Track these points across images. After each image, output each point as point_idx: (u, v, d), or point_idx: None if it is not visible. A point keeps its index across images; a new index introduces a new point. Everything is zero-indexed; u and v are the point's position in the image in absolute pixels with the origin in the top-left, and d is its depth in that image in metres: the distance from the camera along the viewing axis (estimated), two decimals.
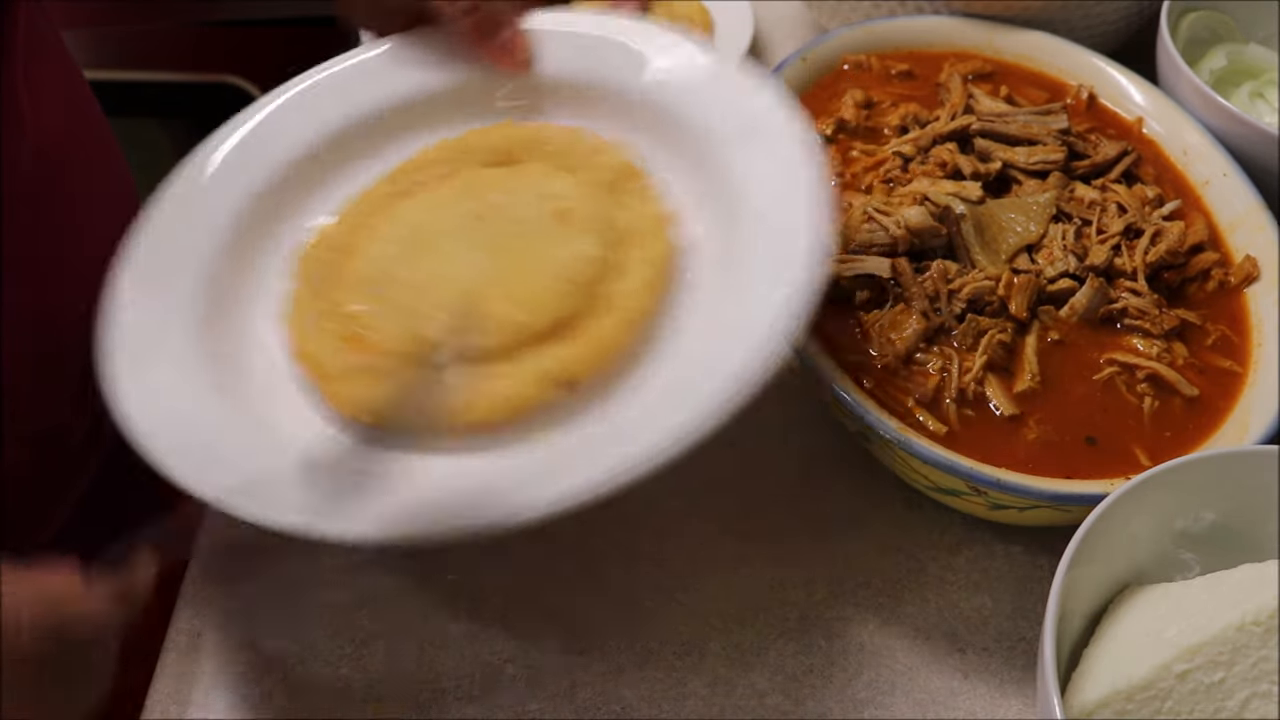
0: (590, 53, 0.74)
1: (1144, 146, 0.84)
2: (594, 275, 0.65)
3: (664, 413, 0.59)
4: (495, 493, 0.58)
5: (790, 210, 0.63)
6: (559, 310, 0.64)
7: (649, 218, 0.68)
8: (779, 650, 0.69)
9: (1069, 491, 0.64)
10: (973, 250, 0.74)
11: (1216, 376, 0.72)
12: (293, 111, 0.75)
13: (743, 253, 0.64)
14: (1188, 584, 0.62)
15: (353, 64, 0.77)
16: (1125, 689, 0.56)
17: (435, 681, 0.68)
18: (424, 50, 0.76)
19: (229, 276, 0.70)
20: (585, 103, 0.74)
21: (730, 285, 0.64)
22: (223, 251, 0.70)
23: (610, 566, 0.73)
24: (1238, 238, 0.79)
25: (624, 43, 0.74)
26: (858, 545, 0.74)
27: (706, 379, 0.59)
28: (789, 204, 0.64)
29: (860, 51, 0.88)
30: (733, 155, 0.68)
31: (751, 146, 0.67)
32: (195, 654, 0.68)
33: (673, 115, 0.71)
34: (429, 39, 0.76)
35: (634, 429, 0.59)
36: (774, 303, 0.60)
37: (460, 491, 0.59)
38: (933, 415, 0.68)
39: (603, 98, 0.74)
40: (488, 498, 0.58)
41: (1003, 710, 0.67)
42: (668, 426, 0.57)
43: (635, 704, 0.67)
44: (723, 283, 0.65)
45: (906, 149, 0.81)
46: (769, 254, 0.63)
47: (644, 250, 0.66)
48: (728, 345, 0.60)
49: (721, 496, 0.76)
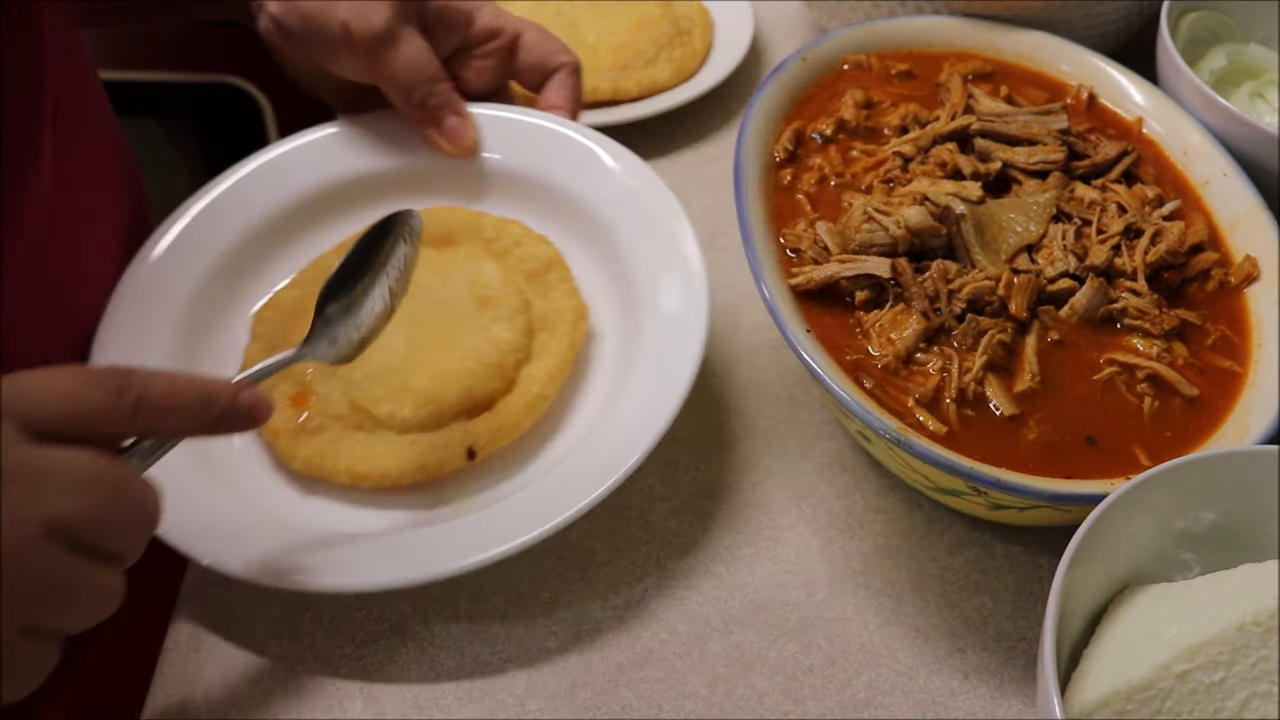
0: (528, 144, 0.82)
1: (1144, 146, 0.84)
2: (507, 359, 0.73)
3: (557, 489, 0.68)
4: (417, 554, 0.66)
5: (678, 301, 0.73)
6: (472, 388, 0.72)
7: (564, 309, 0.76)
8: (779, 650, 0.69)
9: (1069, 491, 0.64)
10: (973, 250, 0.74)
11: (1216, 376, 0.72)
12: (253, 184, 0.81)
13: (639, 341, 0.74)
14: (1188, 584, 0.62)
15: (306, 143, 0.83)
16: (1125, 689, 0.56)
17: (435, 681, 0.68)
18: (372, 131, 0.83)
19: (197, 337, 0.76)
20: (519, 190, 0.82)
21: (628, 370, 0.73)
22: (190, 313, 0.76)
23: (610, 566, 0.73)
24: (1238, 238, 0.79)
25: (560, 138, 0.82)
26: (858, 545, 0.74)
27: (595, 459, 0.68)
28: (679, 297, 0.74)
29: (860, 51, 0.88)
30: (635, 252, 0.77)
31: (651, 243, 0.77)
32: (195, 654, 0.68)
33: (589, 212, 0.80)
34: (378, 119, 0.83)
35: (527, 504, 0.68)
36: (663, 388, 0.70)
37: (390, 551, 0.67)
38: (933, 415, 0.68)
39: (533, 187, 0.82)
40: (413, 558, 0.66)
41: (1003, 710, 0.67)
42: (556, 502, 0.67)
43: (635, 704, 0.67)
44: (622, 367, 0.74)
45: (906, 149, 0.81)
46: (659, 343, 0.72)
47: (556, 339, 0.75)
48: (619, 429, 0.70)
49: (721, 497, 0.76)
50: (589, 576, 0.72)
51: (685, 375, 0.70)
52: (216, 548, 0.66)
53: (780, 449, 0.78)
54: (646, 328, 0.74)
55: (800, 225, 0.76)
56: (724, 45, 1.06)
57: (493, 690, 0.67)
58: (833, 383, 0.66)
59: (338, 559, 0.66)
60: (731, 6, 1.08)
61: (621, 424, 0.70)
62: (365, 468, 0.71)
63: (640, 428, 0.69)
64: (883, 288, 0.72)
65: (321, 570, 0.65)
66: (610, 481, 0.67)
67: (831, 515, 0.76)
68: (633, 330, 0.75)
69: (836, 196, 0.79)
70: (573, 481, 0.68)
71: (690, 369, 0.70)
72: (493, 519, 0.68)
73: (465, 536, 0.67)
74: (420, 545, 0.67)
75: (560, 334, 0.75)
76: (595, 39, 1.03)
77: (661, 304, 0.74)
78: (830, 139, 0.82)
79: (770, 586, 0.72)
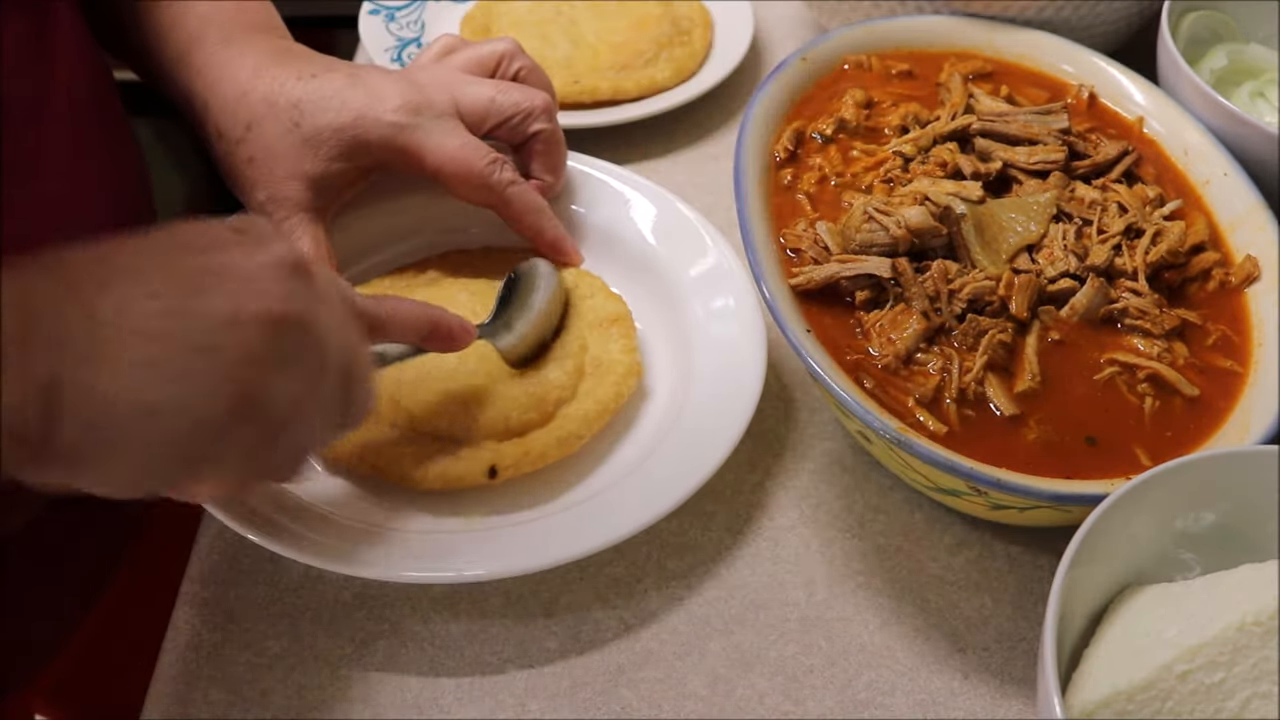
0: (614, 203, 0.85)
1: (1144, 146, 0.84)
2: (550, 394, 0.74)
3: (573, 523, 0.69)
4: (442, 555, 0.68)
5: (729, 392, 0.74)
6: (508, 414, 0.73)
7: (619, 362, 0.76)
8: (779, 650, 0.69)
9: (1069, 491, 0.64)
10: (973, 250, 0.74)
11: (1217, 376, 0.72)
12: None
13: (687, 416, 0.74)
14: (1188, 584, 0.62)
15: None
16: (1126, 689, 0.56)
17: (435, 681, 0.68)
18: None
19: None
20: (603, 244, 0.84)
21: (668, 433, 0.74)
22: None
23: (610, 566, 0.73)
24: (1238, 237, 0.79)
25: (667, 206, 0.84)
26: (858, 545, 0.74)
27: (611, 512, 0.69)
28: (730, 386, 0.75)
29: (860, 51, 0.88)
30: (706, 331, 0.79)
31: (723, 326, 0.78)
32: (195, 654, 0.68)
33: (667, 279, 0.82)
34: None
35: (532, 533, 0.69)
36: (695, 462, 0.71)
37: (418, 549, 0.68)
38: (933, 415, 0.68)
39: (616, 244, 0.84)
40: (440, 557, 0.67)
41: (1003, 710, 0.67)
42: (564, 535, 0.68)
43: (635, 704, 0.67)
44: (664, 429, 0.75)
45: (907, 149, 0.81)
46: (703, 418, 0.74)
47: (603, 387, 0.75)
48: (640, 491, 0.71)
49: (721, 497, 0.76)
50: (589, 576, 0.72)
51: (718, 453, 0.71)
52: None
53: (780, 449, 0.78)
54: (695, 398, 0.75)
55: (800, 225, 0.76)
56: (724, 45, 1.06)
57: (493, 690, 0.67)
58: (833, 383, 0.66)
59: (341, 546, 0.67)
60: (731, 6, 1.08)
61: (650, 479, 0.71)
62: (386, 463, 0.71)
63: (662, 491, 0.70)
64: (883, 288, 0.72)
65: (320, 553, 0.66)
66: (614, 535, 0.68)
67: (831, 515, 0.75)
68: (684, 399, 0.76)
69: (837, 196, 0.79)
70: (584, 521, 0.69)
71: (722, 452, 0.71)
72: (486, 540, 0.69)
73: (462, 547, 0.68)
74: (418, 546, 0.68)
75: (608, 383, 0.75)
76: (595, 39, 1.03)
77: (712, 388, 0.75)
78: (830, 139, 0.82)
79: (770, 586, 0.72)
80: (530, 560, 0.67)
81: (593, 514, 0.69)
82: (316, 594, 0.71)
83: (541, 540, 0.68)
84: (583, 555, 0.67)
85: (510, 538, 0.69)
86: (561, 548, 0.67)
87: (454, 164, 0.77)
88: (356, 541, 0.67)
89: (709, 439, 0.72)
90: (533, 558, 0.67)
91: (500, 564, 0.67)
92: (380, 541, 0.68)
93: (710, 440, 0.72)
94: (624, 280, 0.83)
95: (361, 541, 0.67)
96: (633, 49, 1.03)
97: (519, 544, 0.68)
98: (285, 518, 0.68)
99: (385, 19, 1.07)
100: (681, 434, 0.73)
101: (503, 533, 0.69)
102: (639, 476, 0.72)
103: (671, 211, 0.84)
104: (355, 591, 0.71)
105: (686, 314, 0.80)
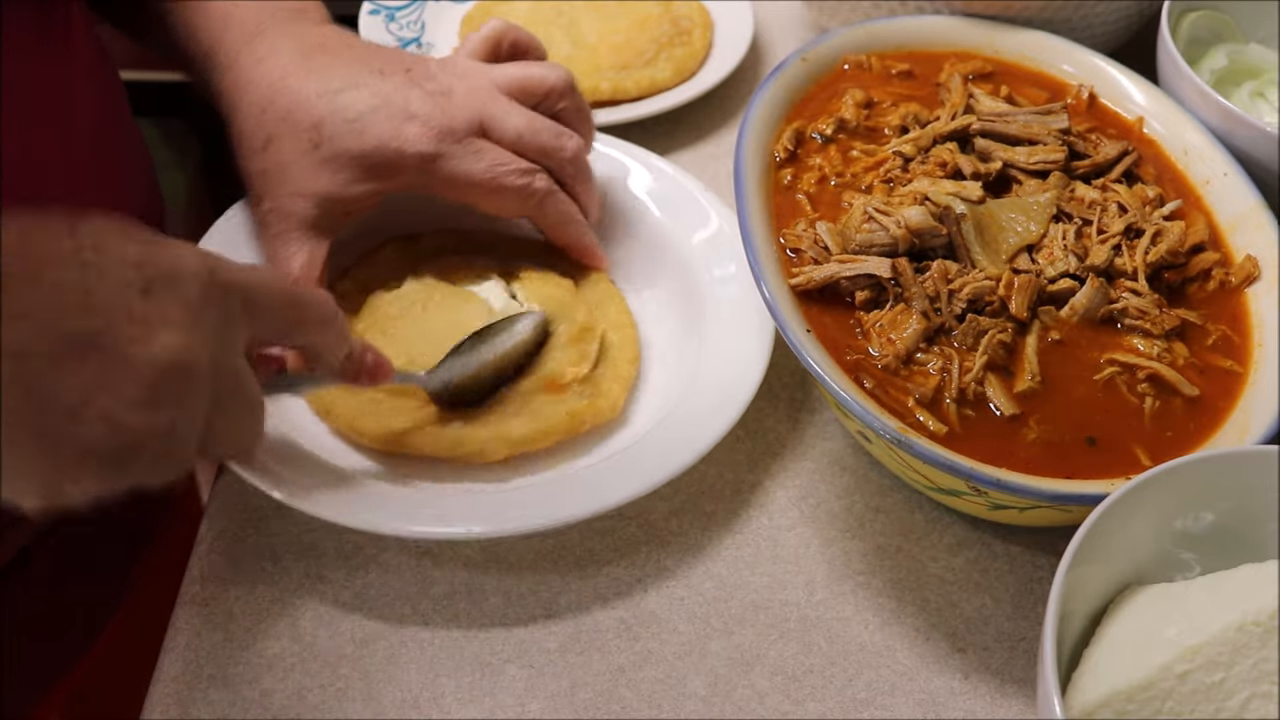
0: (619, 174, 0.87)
1: (1144, 146, 0.84)
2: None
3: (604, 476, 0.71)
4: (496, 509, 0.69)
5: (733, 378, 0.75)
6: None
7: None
8: (779, 650, 0.69)
9: (1069, 491, 0.64)
10: (973, 250, 0.74)
11: (1217, 376, 0.72)
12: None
13: (702, 375, 0.77)
14: (1188, 584, 0.62)
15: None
16: (1126, 689, 0.56)
17: (435, 681, 0.68)
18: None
19: None
20: (620, 228, 0.86)
21: (680, 406, 0.76)
22: None
23: (610, 566, 0.73)
24: (1238, 237, 0.79)
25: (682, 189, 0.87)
26: (858, 545, 0.74)
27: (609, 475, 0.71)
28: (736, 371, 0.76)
29: (860, 51, 0.88)
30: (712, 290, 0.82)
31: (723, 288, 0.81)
32: (195, 654, 0.68)
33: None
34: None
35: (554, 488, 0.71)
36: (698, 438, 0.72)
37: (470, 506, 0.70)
38: (933, 415, 0.68)
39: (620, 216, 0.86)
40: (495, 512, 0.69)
41: (1003, 710, 0.67)
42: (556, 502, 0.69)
43: (635, 704, 0.67)
44: (676, 399, 0.77)
45: (907, 149, 0.81)
46: (720, 381, 0.76)
47: (616, 369, 0.78)
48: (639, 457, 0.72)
49: (721, 497, 0.76)
50: (589, 576, 0.72)
51: (743, 396, 0.74)
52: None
53: (780, 449, 0.78)
54: (707, 359, 0.77)
55: (800, 225, 0.76)
56: (724, 45, 1.06)
57: (493, 690, 0.67)
58: (833, 383, 0.66)
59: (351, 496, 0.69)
60: (731, 6, 1.08)
61: (671, 435, 0.73)
62: (389, 432, 0.73)
63: (684, 444, 0.71)
64: (883, 288, 0.72)
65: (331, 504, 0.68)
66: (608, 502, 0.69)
67: (831, 515, 0.76)
68: (695, 363, 0.78)
69: (837, 196, 0.79)
70: (610, 475, 0.71)
71: (746, 395, 0.74)
72: (512, 499, 0.71)
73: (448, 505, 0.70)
74: (411, 500, 0.70)
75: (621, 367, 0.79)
76: (595, 39, 1.03)
77: (721, 349, 0.78)
78: (830, 139, 0.82)
79: (770, 586, 0.72)
80: (561, 512, 0.68)
81: (620, 466, 0.71)
82: (316, 594, 0.71)
83: (568, 493, 0.69)
84: (618, 504, 0.69)
85: (534, 494, 0.71)
86: (589, 500, 0.69)
87: (481, 188, 0.76)
88: (367, 496, 0.69)
89: (729, 390, 0.74)
90: (562, 509, 0.68)
91: (528, 518, 0.68)
92: (394, 498, 0.70)
93: (731, 392, 0.74)
94: (641, 260, 0.85)
95: (377, 497, 0.69)
96: (633, 49, 1.03)
97: (545, 498, 0.70)
98: (300, 474, 0.69)
99: (385, 19, 1.07)
100: (698, 396, 0.75)
101: (525, 492, 0.71)
102: (659, 431, 0.73)
103: (675, 185, 0.86)
104: (355, 591, 0.71)
105: (696, 281, 0.82)
